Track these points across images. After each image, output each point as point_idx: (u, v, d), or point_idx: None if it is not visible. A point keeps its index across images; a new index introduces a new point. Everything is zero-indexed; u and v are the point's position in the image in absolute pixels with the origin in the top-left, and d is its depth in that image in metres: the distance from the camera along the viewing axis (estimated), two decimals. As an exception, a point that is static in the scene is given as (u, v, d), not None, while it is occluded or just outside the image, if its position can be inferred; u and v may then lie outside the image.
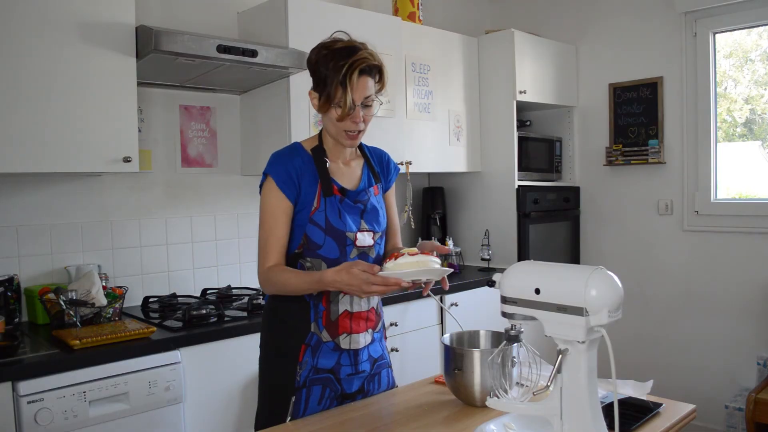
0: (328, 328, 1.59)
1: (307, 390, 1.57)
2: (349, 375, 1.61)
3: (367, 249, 1.63)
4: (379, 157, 1.78)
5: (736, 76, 3.42)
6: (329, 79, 1.54)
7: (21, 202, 2.30)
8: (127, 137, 2.18)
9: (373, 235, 1.64)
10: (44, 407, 1.72)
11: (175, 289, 2.67)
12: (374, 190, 1.70)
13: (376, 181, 1.72)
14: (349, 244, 1.59)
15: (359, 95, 1.54)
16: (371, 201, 1.66)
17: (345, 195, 1.62)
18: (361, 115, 1.57)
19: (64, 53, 2.04)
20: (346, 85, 1.52)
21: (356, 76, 1.52)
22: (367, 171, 1.72)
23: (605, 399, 1.44)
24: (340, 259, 1.58)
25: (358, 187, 1.66)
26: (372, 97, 1.58)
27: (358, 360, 1.63)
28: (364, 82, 1.55)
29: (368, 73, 1.56)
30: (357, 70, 1.52)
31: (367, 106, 1.58)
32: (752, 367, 3.18)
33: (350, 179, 1.67)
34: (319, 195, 1.59)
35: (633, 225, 3.65)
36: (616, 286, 1.16)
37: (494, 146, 3.53)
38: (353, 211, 1.62)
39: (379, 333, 1.71)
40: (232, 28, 2.83)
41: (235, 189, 2.89)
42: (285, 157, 1.62)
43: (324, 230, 1.58)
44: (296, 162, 1.60)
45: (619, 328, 2.02)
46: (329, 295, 1.59)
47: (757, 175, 3.35)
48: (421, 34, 3.26)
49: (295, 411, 1.56)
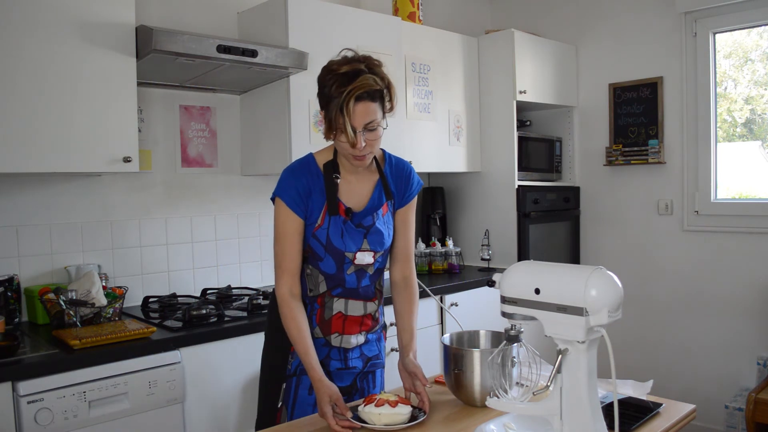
0: (321, 325, 1.66)
1: (297, 378, 1.64)
2: (338, 369, 1.67)
3: (366, 267, 1.66)
4: (399, 171, 1.72)
5: (736, 76, 3.42)
6: (331, 104, 1.51)
7: (21, 202, 2.30)
8: (127, 137, 2.18)
9: (374, 254, 1.65)
10: (44, 407, 1.72)
11: (175, 289, 2.67)
12: (383, 209, 1.67)
13: (388, 198, 1.68)
14: (347, 262, 1.62)
15: (359, 122, 1.50)
16: (376, 225, 1.64)
17: (350, 216, 1.62)
18: (363, 140, 1.52)
19: (63, 53, 2.04)
20: (344, 112, 1.48)
21: (353, 104, 1.48)
22: (380, 189, 1.68)
23: (605, 399, 1.44)
24: (337, 275, 1.63)
25: (366, 206, 1.65)
26: (376, 121, 1.53)
27: (347, 357, 1.68)
28: (364, 108, 1.50)
29: (370, 99, 1.51)
30: (353, 98, 1.48)
31: (371, 130, 1.53)
32: (752, 367, 3.18)
33: (359, 198, 1.65)
34: (324, 213, 1.60)
35: (633, 225, 3.65)
36: (616, 286, 1.16)
37: (494, 146, 3.53)
38: (356, 233, 1.62)
39: (374, 334, 1.75)
40: (232, 28, 2.83)
41: (235, 189, 2.89)
42: (294, 175, 1.61)
43: (324, 247, 1.61)
44: (304, 181, 1.60)
45: (619, 328, 2.03)
46: (324, 298, 1.65)
47: (757, 175, 3.35)
48: (421, 34, 3.26)
49: (286, 397, 1.64)
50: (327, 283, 1.64)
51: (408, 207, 1.73)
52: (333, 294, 1.65)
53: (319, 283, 1.64)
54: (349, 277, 1.64)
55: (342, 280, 1.64)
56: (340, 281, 1.64)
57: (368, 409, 1.37)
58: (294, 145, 2.57)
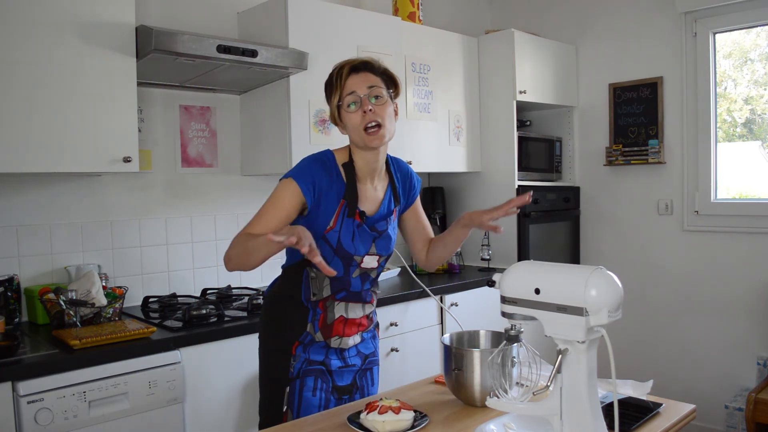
0: (323, 330, 1.66)
1: (300, 381, 1.64)
2: (339, 368, 1.68)
3: (370, 270, 1.68)
4: (404, 174, 1.78)
5: (736, 76, 3.42)
6: (330, 89, 1.62)
7: (21, 202, 2.30)
8: (127, 137, 2.18)
9: (379, 258, 1.67)
10: (44, 407, 1.72)
11: (175, 289, 2.67)
12: (393, 215, 1.71)
13: (396, 204, 1.72)
14: (354, 265, 1.64)
15: (361, 85, 1.57)
16: (388, 230, 1.69)
17: (363, 220, 1.63)
18: (371, 105, 1.56)
19: (63, 53, 2.04)
20: (343, 82, 1.58)
21: (346, 71, 1.58)
22: (390, 195, 1.71)
23: (605, 399, 1.44)
24: (343, 278, 1.63)
25: (377, 212, 1.67)
26: (380, 89, 1.58)
27: (345, 355, 1.69)
28: (362, 76, 1.58)
29: (365, 70, 1.59)
30: (348, 66, 1.59)
31: (376, 96, 1.57)
32: (752, 367, 3.18)
33: (372, 203, 1.67)
34: (338, 215, 1.59)
35: (633, 225, 3.65)
36: (615, 286, 1.16)
37: (494, 146, 3.53)
38: (367, 237, 1.64)
39: (369, 333, 1.76)
40: (232, 28, 2.83)
41: (235, 189, 2.89)
42: (316, 166, 1.60)
43: (334, 250, 1.60)
44: (323, 176, 1.58)
45: (619, 328, 2.03)
46: (326, 302, 1.65)
47: (757, 175, 3.35)
48: (421, 34, 3.26)
49: (290, 400, 1.63)
50: (332, 287, 1.64)
51: (416, 203, 1.83)
52: (336, 298, 1.65)
53: (324, 287, 1.64)
54: (354, 281, 1.65)
55: (347, 284, 1.64)
56: (346, 284, 1.64)
57: (372, 417, 1.37)
58: (294, 145, 2.57)
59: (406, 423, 1.37)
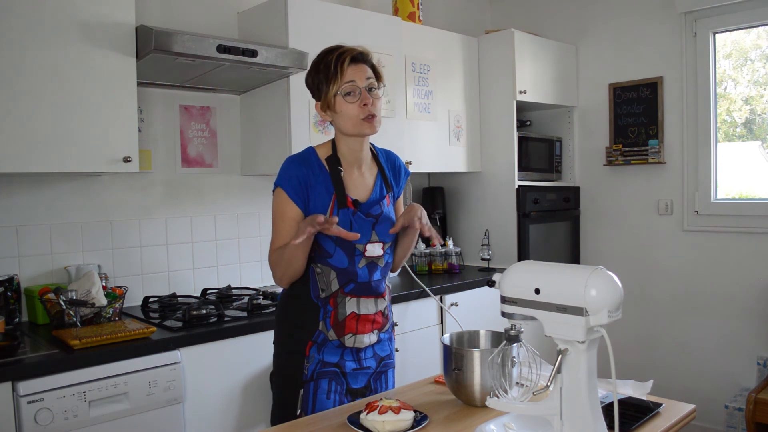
0: (335, 327, 1.65)
1: (314, 383, 1.63)
2: (354, 370, 1.67)
3: (376, 259, 1.68)
4: (392, 162, 1.81)
5: (736, 76, 3.42)
6: (327, 76, 1.61)
7: (21, 202, 2.30)
8: (127, 137, 2.18)
9: (383, 245, 1.68)
10: (44, 407, 1.72)
11: (175, 289, 2.67)
12: (386, 200, 1.72)
13: (388, 190, 1.74)
14: (358, 254, 1.64)
15: (360, 77, 1.60)
16: (384, 213, 1.69)
17: (357, 207, 1.64)
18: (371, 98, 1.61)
19: (63, 53, 2.04)
20: (343, 71, 1.59)
21: (347, 62, 1.60)
22: (380, 181, 1.73)
23: (605, 399, 1.44)
24: (349, 268, 1.64)
25: (369, 198, 1.68)
26: (373, 80, 1.63)
27: (360, 357, 1.68)
28: (360, 67, 1.62)
29: (362, 61, 1.63)
30: (349, 56, 1.60)
31: (372, 89, 1.62)
32: (752, 367, 3.18)
33: (363, 190, 1.69)
34: (332, 207, 1.62)
35: (633, 225, 3.65)
36: (615, 286, 1.16)
37: (494, 146, 3.53)
38: (365, 224, 1.65)
39: (386, 334, 1.76)
40: (232, 28, 2.83)
41: (235, 189, 2.89)
42: (295, 165, 1.65)
43: (334, 241, 1.62)
44: (305, 171, 1.63)
45: (619, 328, 2.04)
46: (336, 298, 1.65)
47: (757, 175, 3.35)
48: (421, 34, 3.26)
49: (304, 403, 1.62)
50: (339, 280, 1.64)
51: (399, 200, 1.85)
52: (345, 291, 1.65)
53: (331, 281, 1.64)
54: (361, 271, 1.65)
55: (354, 275, 1.64)
56: (353, 275, 1.64)
57: (371, 417, 1.37)
58: (294, 145, 2.57)
59: (406, 423, 1.37)
